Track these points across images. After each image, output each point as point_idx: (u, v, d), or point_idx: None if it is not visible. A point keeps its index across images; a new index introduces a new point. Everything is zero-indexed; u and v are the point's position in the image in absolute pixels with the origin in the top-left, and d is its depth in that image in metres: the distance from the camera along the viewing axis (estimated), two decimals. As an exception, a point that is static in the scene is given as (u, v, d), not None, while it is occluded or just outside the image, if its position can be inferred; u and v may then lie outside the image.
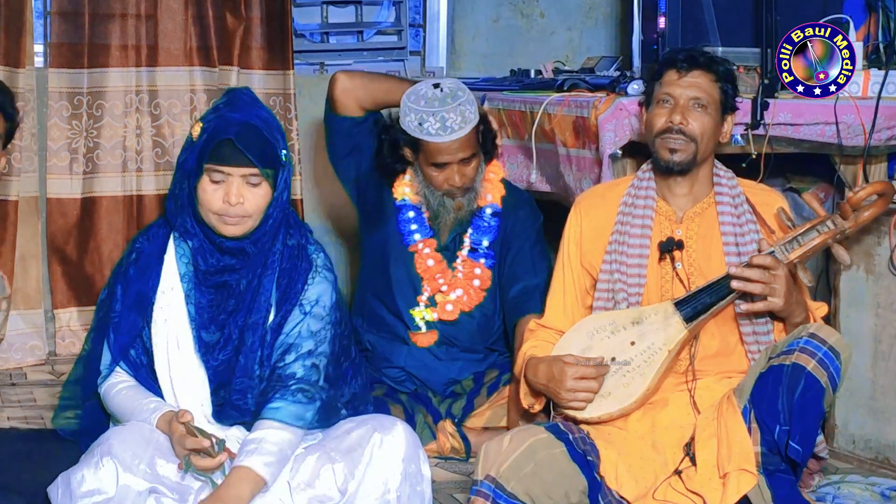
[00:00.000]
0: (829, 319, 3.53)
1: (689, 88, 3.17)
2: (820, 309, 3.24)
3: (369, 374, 3.43)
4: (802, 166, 4.16)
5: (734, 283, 3.06)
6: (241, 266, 2.99)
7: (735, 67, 3.31)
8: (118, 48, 4.78)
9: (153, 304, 3.02)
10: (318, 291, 3.04)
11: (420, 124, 3.65)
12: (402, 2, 5.37)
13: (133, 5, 4.78)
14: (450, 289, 3.79)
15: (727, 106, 3.23)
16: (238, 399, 2.99)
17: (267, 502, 2.88)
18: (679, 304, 3.11)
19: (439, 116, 3.64)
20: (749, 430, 2.94)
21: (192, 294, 3.01)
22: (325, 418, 3.03)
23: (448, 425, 3.66)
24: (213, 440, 2.84)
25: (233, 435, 2.99)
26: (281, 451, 2.87)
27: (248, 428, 2.98)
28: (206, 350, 3.00)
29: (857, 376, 3.66)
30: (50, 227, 4.78)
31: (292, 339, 3.00)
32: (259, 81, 4.88)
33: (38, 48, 4.85)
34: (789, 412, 2.89)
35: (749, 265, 3.06)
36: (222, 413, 3.01)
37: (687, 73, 3.17)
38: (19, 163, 4.60)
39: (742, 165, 3.55)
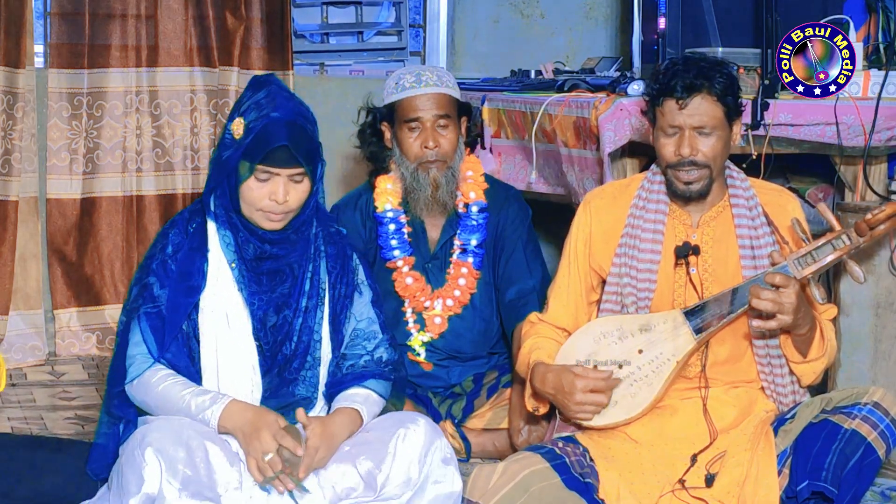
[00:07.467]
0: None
1: (691, 117, 3.03)
2: (828, 312, 3.21)
3: None
4: (802, 166, 4.16)
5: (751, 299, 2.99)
6: (284, 253, 3.05)
7: (735, 68, 3.24)
8: (118, 49, 4.79)
9: (202, 292, 3.02)
10: (363, 271, 3.17)
11: (396, 83, 3.68)
12: (402, 2, 5.37)
13: (133, 6, 4.78)
14: (432, 303, 3.75)
15: (733, 115, 3.11)
16: (291, 376, 3.06)
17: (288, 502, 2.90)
18: (689, 314, 3.07)
19: (415, 73, 3.68)
20: (779, 472, 2.97)
21: (244, 280, 3.03)
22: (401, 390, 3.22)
23: (448, 426, 3.65)
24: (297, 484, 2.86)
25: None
26: (377, 407, 3.07)
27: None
28: (264, 333, 3.03)
29: (858, 376, 3.66)
30: (50, 228, 4.78)
31: (366, 323, 3.13)
32: (259, 82, 4.88)
33: (38, 48, 4.85)
34: (839, 475, 2.92)
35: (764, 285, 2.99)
36: (273, 395, 3.04)
37: (687, 101, 3.03)
38: (19, 163, 4.60)
39: (742, 166, 3.54)
